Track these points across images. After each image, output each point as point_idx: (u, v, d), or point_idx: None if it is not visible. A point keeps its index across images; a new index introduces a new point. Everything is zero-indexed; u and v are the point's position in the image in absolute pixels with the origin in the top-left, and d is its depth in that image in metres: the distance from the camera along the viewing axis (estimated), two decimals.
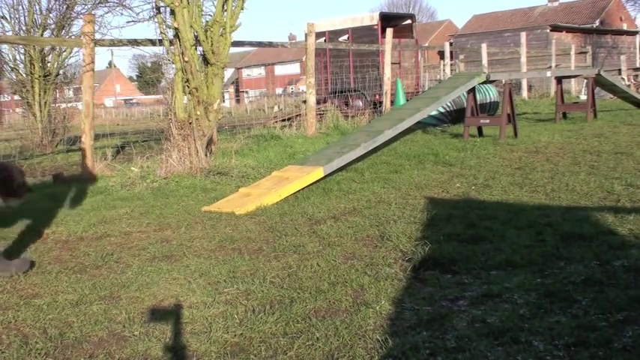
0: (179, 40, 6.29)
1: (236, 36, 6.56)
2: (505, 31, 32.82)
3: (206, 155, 6.40)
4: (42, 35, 11.24)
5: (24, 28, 11.30)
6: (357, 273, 3.04)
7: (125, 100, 56.01)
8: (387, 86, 11.10)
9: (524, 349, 2.12)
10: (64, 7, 11.36)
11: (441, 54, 24.31)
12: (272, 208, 4.63)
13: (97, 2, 10.98)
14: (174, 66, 6.48)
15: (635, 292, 2.55)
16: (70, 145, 9.73)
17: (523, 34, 18.41)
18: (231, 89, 56.56)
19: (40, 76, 10.83)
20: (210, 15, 6.51)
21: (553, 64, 20.10)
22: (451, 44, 22.84)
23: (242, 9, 6.46)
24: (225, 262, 3.35)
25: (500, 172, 5.66)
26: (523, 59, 17.69)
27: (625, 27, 36.76)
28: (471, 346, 2.16)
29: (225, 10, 6.41)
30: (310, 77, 9.63)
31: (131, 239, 3.99)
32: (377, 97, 13.08)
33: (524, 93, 18.07)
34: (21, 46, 10.85)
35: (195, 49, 6.35)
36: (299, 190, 5.11)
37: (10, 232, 4.32)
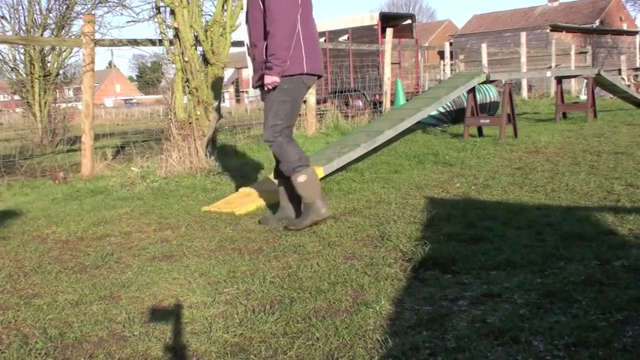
0: (179, 40, 6.29)
1: (236, 36, 6.57)
2: (505, 31, 32.85)
3: (206, 155, 6.41)
4: (42, 35, 11.25)
5: (24, 28, 11.32)
6: (357, 273, 3.04)
7: (125, 100, 55.98)
8: (387, 86, 11.10)
9: (524, 349, 2.12)
10: (64, 7, 11.38)
11: (441, 54, 24.33)
12: (272, 208, 4.63)
13: (97, 2, 11.00)
14: (174, 66, 6.48)
15: (635, 292, 2.54)
16: (70, 145, 9.73)
17: (523, 34, 18.42)
18: (232, 89, 56.54)
19: (40, 76, 10.84)
20: (210, 15, 6.52)
21: (553, 64, 20.11)
22: (451, 44, 22.85)
23: (242, 9, 6.45)
24: (225, 262, 3.35)
25: (500, 172, 5.66)
26: (523, 59, 17.70)
27: (625, 27, 36.79)
28: (471, 346, 2.16)
29: (225, 10, 6.41)
30: None
31: (131, 239, 3.99)
32: (377, 97, 13.09)
33: (524, 93, 18.08)
34: (21, 46, 10.86)
35: (195, 49, 6.35)
36: None
37: (10, 232, 4.33)
